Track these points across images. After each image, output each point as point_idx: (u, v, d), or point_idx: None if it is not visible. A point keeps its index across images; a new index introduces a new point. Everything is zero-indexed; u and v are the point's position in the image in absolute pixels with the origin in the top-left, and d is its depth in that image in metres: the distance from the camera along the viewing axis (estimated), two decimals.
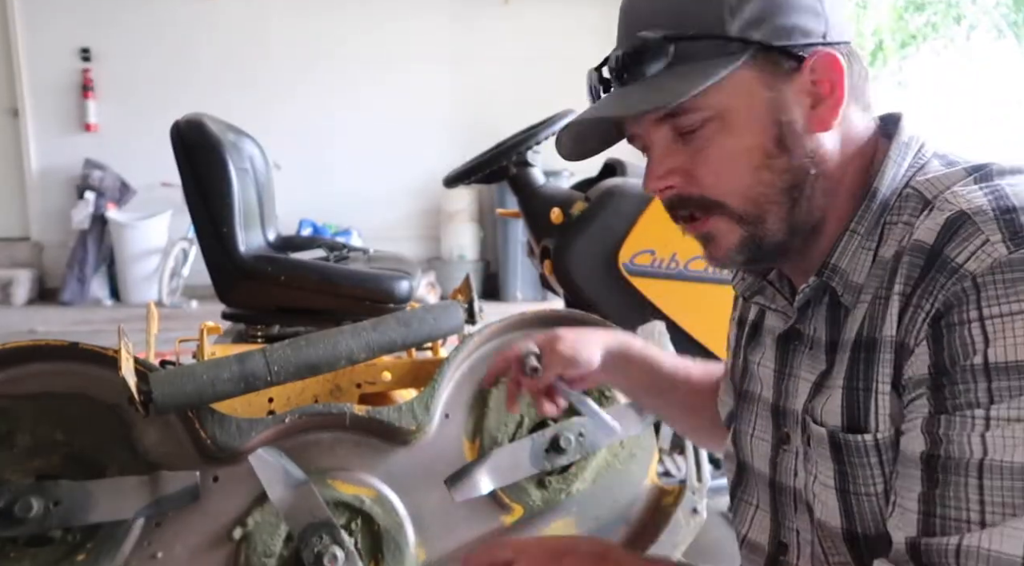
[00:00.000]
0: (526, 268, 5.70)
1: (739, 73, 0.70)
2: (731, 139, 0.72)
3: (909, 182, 0.72)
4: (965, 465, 0.62)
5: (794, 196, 0.73)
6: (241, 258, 1.97)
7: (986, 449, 0.61)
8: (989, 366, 0.61)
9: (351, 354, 1.36)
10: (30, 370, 1.28)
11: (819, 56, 0.70)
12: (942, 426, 0.63)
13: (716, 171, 0.73)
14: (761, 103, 0.71)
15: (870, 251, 0.72)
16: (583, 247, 2.02)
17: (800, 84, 0.71)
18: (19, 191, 6.06)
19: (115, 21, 5.86)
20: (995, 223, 0.62)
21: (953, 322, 0.62)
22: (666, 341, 1.59)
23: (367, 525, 1.37)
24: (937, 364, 0.63)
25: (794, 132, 0.71)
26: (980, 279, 0.61)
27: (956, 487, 0.62)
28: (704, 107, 0.71)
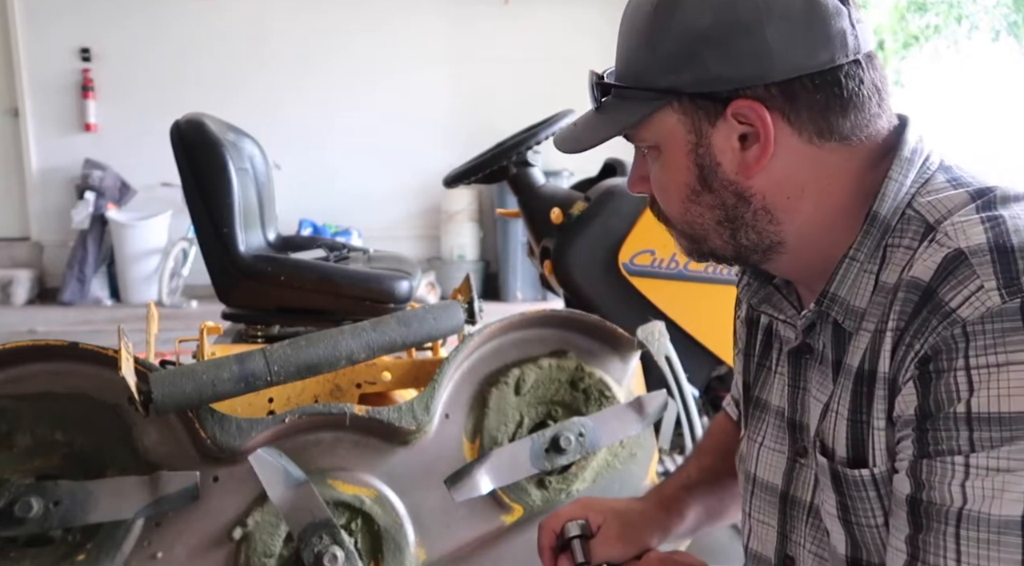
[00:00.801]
0: (526, 268, 5.70)
1: (663, 115, 0.73)
2: (663, 172, 0.77)
3: (911, 202, 0.71)
4: (945, 513, 0.62)
5: (732, 226, 0.75)
6: (241, 258, 1.97)
7: (965, 498, 0.61)
8: (972, 415, 0.61)
9: (351, 354, 1.36)
10: (30, 370, 1.28)
11: (740, 104, 0.70)
12: (924, 471, 0.64)
13: (659, 193, 0.79)
14: (684, 145, 0.73)
15: (872, 274, 0.72)
16: (583, 247, 2.02)
17: (727, 129, 0.71)
18: (19, 191, 6.06)
19: (115, 21, 5.86)
20: (991, 267, 0.61)
21: (941, 368, 0.62)
22: (666, 341, 1.59)
23: (367, 525, 1.37)
24: (923, 407, 0.64)
25: (718, 174, 0.73)
26: (971, 327, 0.61)
27: (936, 534, 0.63)
28: (644, 138, 0.76)
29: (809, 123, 0.70)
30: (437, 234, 6.26)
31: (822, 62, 0.69)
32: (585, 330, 1.56)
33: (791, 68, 0.69)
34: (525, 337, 1.53)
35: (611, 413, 1.50)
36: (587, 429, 1.45)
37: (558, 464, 1.45)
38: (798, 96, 0.69)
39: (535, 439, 1.43)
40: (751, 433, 0.89)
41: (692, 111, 0.72)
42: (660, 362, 1.59)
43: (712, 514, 1.03)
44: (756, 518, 0.88)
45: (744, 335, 0.95)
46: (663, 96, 0.72)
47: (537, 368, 1.51)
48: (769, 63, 0.68)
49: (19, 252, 6.02)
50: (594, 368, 1.54)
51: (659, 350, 1.58)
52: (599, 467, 1.53)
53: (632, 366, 1.61)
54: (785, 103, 0.70)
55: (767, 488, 0.86)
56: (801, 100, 0.70)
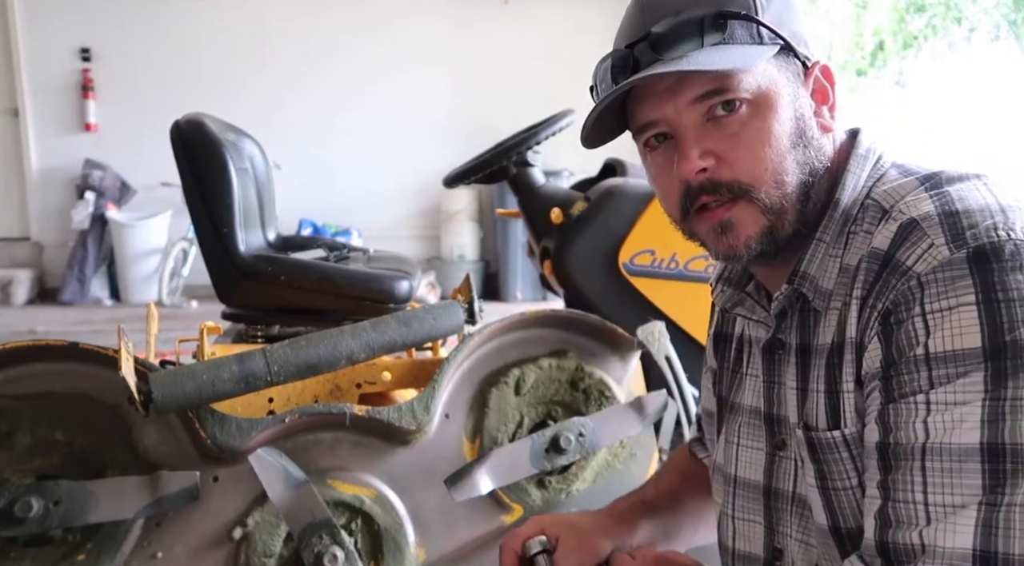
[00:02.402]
0: (526, 268, 5.70)
1: (771, 63, 0.76)
2: (764, 123, 0.75)
3: (869, 193, 0.78)
4: (910, 449, 0.66)
5: (807, 188, 0.77)
6: (241, 258, 1.97)
7: (928, 432, 0.65)
8: (930, 355, 0.66)
9: (351, 354, 1.36)
10: (30, 370, 1.28)
11: (821, 65, 0.78)
12: (891, 415, 0.68)
13: (751, 153, 0.75)
14: (787, 94, 0.76)
15: (836, 258, 0.77)
16: (583, 247, 2.02)
17: (806, 88, 0.78)
18: (19, 191, 6.06)
19: (115, 21, 5.86)
20: (939, 227, 0.68)
21: (901, 318, 0.68)
22: (666, 341, 1.59)
23: (367, 525, 1.37)
24: (887, 357, 0.69)
25: (810, 128, 0.77)
26: (924, 278, 0.66)
27: (903, 471, 0.67)
28: (743, 89, 0.74)
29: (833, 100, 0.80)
30: (437, 234, 6.26)
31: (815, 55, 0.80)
32: (585, 330, 1.56)
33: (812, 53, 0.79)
34: (525, 337, 1.53)
35: (611, 413, 1.50)
36: (587, 429, 1.45)
37: (558, 464, 1.45)
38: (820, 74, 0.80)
39: (535, 439, 1.43)
40: (727, 436, 0.92)
41: (793, 63, 0.77)
42: (660, 362, 1.59)
43: (667, 533, 1.05)
44: (740, 518, 0.90)
45: (713, 351, 0.99)
46: (779, 42, 0.76)
47: (537, 368, 1.51)
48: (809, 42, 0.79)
49: (19, 252, 6.02)
50: (594, 368, 1.54)
51: (659, 350, 1.58)
52: (599, 467, 1.53)
53: (632, 366, 1.61)
54: None
55: (749, 486, 0.88)
56: None
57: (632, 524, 1.02)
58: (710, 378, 0.99)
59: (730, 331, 0.96)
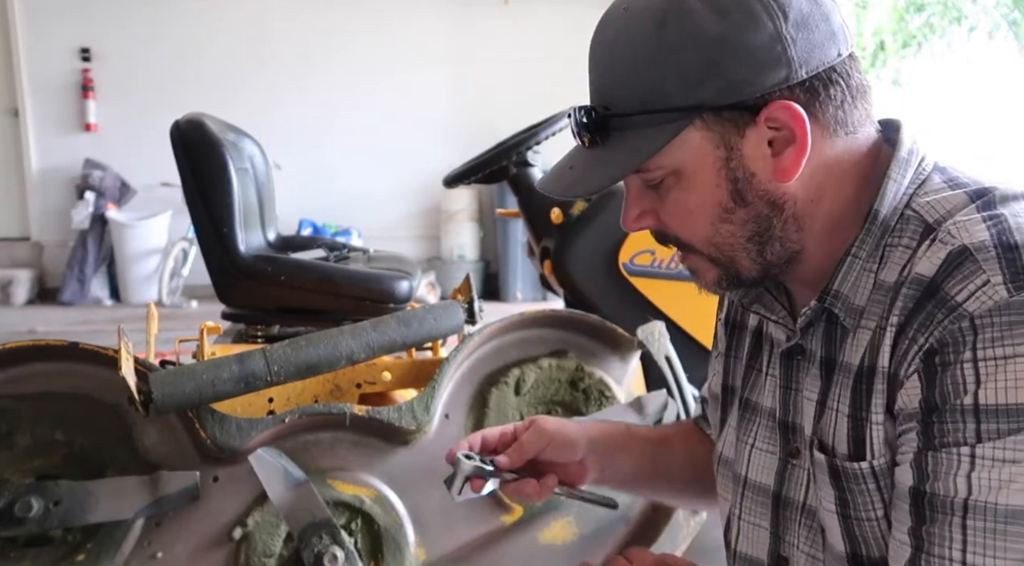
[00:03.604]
0: (526, 268, 5.70)
1: (687, 135, 0.69)
2: (687, 195, 0.72)
3: (910, 202, 0.71)
4: (951, 503, 0.63)
5: (761, 241, 0.73)
6: (241, 258, 1.97)
7: (971, 488, 0.61)
8: (979, 407, 0.61)
9: (351, 354, 1.36)
10: (30, 370, 1.28)
11: (774, 108, 0.67)
12: (930, 463, 0.64)
13: (678, 220, 0.74)
14: (713, 161, 0.70)
15: (871, 273, 0.72)
16: (583, 247, 2.02)
17: (758, 135, 0.69)
18: (19, 191, 6.05)
19: (115, 21, 5.86)
20: (997, 262, 0.62)
21: (948, 360, 0.62)
22: (666, 341, 1.59)
23: (367, 525, 1.37)
24: (928, 400, 0.64)
25: (753, 184, 0.70)
26: (978, 320, 0.61)
27: (942, 525, 0.63)
28: (660, 166, 0.71)
29: (830, 118, 0.70)
30: (437, 234, 6.26)
31: (833, 57, 0.69)
32: (585, 330, 1.56)
33: (814, 65, 0.68)
34: (525, 337, 1.53)
35: (611, 413, 1.50)
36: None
37: None
38: (819, 92, 0.69)
39: None
40: (741, 435, 0.88)
41: (718, 125, 0.69)
42: (660, 362, 1.59)
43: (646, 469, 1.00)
44: (747, 520, 0.87)
45: (724, 337, 0.94)
46: (685, 115, 0.68)
47: (537, 368, 1.51)
48: (793, 63, 0.67)
49: (19, 252, 6.01)
50: (594, 368, 1.54)
51: (659, 350, 1.58)
52: None
53: (632, 366, 1.61)
54: (810, 101, 0.68)
55: (759, 489, 0.85)
56: (822, 96, 0.69)
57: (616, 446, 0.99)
58: (720, 363, 0.95)
59: (745, 321, 0.91)
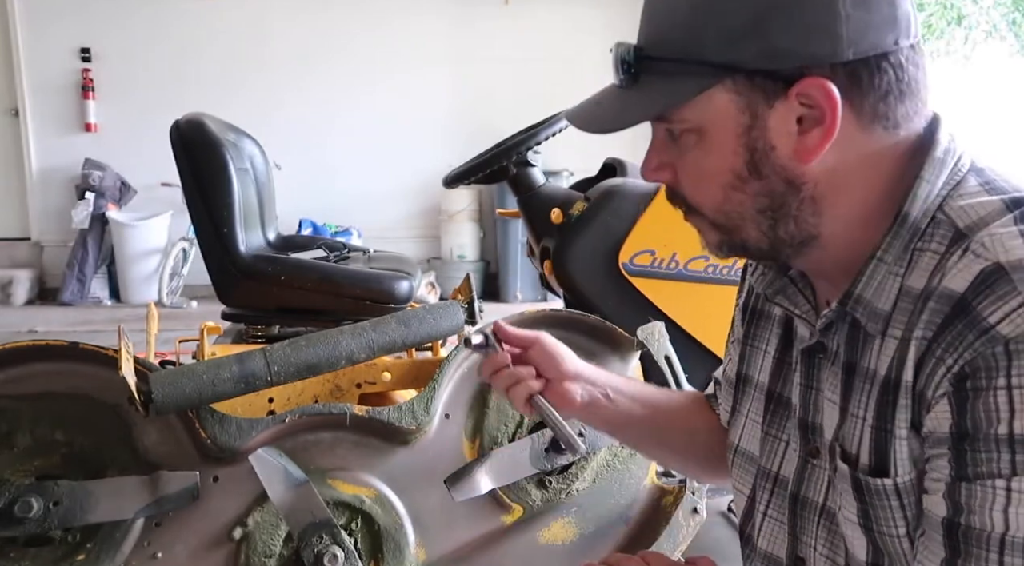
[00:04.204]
0: (526, 268, 5.70)
1: (715, 93, 0.67)
2: (704, 156, 0.70)
3: (942, 205, 0.68)
4: (987, 539, 0.61)
5: (773, 216, 0.70)
6: (241, 258, 1.97)
7: (1008, 524, 0.59)
8: (1014, 437, 0.58)
9: (351, 354, 1.36)
10: (30, 370, 1.28)
11: (808, 83, 0.64)
12: (963, 495, 0.62)
13: (691, 180, 0.73)
14: (735, 126, 0.68)
15: (898, 277, 0.69)
16: (583, 247, 2.02)
17: (786, 109, 0.66)
18: (19, 191, 6.05)
19: (115, 21, 5.86)
20: None
21: (980, 385, 0.60)
22: (666, 341, 1.59)
23: (367, 525, 1.37)
24: (960, 426, 0.61)
25: (771, 158, 0.68)
26: (1013, 345, 0.58)
27: (977, 560, 0.61)
28: (684, 119, 0.69)
29: (869, 108, 0.66)
30: (437, 234, 6.26)
31: (888, 44, 0.65)
32: (585, 330, 1.56)
33: (864, 48, 0.64)
34: None
35: None
36: (587, 429, 1.45)
37: (558, 464, 1.45)
38: (862, 78, 0.65)
39: (535, 439, 1.43)
40: (771, 430, 0.86)
41: (748, 89, 0.66)
42: (660, 362, 1.59)
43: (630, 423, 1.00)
44: (772, 516, 0.85)
45: (742, 324, 0.91)
46: (718, 72, 0.66)
47: None
48: (842, 40, 0.63)
49: (19, 252, 6.02)
50: None
51: (659, 350, 1.58)
52: (599, 467, 1.53)
53: (632, 366, 1.61)
54: (850, 85, 0.65)
55: (781, 486, 0.84)
56: (865, 83, 0.65)
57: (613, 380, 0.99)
58: (736, 350, 0.92)
59: (768, 310, 0.87)
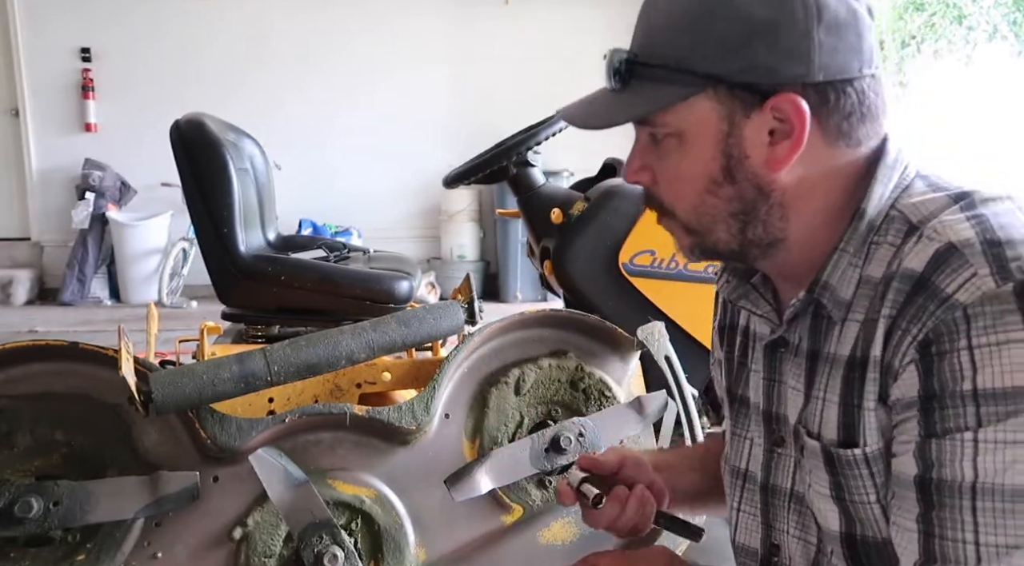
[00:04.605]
0: (526, 268, 5.70)
1: (697, 101, 0.73)
2: (683, 160, 0.77)
3: (894, 204, 0.75)
4: (959, 488, 0.65)
5: (744, 220, 0.77)
6: (241, 258, 1.97)
7: (977, 472, 0.64)
8: (978, 392, 0.64)
9: (351, 354, 1.36)
10: (30, 370, 1.28)
11: (782, 98, 0.71)
12: (933, 451, 0.67)
13: (668, 183, 0.79)
14: (714, 133, 0.74)
15: (857, 268, 0.75)
16: (583, 247, 2.02)
17: (761, 121, 0.73)
18: (19, 191, 6.05)
19: (115, 21, 5.86)
20: (983, 256, 0.65)
21: (943, 349, 0.65)
22: (666, 341, 1.59)
23: (367, 525, 1.37)
24: (926, 389, 0.67)
25: (744, 166, 0.75)
26: (971, 310, 0.64)
27: (952, 510, 0.66)
28: (666, 123, 0.76)
29: (834, 126, 0.74)
30: (437, 234, 6.26)
31: (854, 70, 0.73)
32: (585, 330, 1.56)
33: (832, 71, 0.72)
34: (525, 337, 1.53)
35: (611, 413, 1.50)
36: (587, 429, 1.45)
37: (558, 464, 1.45)
38: (829, 98, 0.73)
39: (535, 439, 1.43)
40: (738, 430, 0.93)
41: (729, 100, 0.73)
42: (660, 362, 1.59)
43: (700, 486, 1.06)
44: (745, 511, 0.91)
45: (720, 343, 0.98)
46: (703, 81, 0.73)
47: (537, 368, 1.51)
48: (814, 63, 0.71)
49: (19, 252, 6.01)
50: (594, 368, 1.54)
51: (659, 350, 1.58)
52: None
53: (632, 366, 1.61)
54: (819, 103, 0.73)
55: (753, 480, 0.89)
56: (831, 103, 0.73)
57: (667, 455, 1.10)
58: (718, 370, 0.99)
59: (736, 322, 0.95)
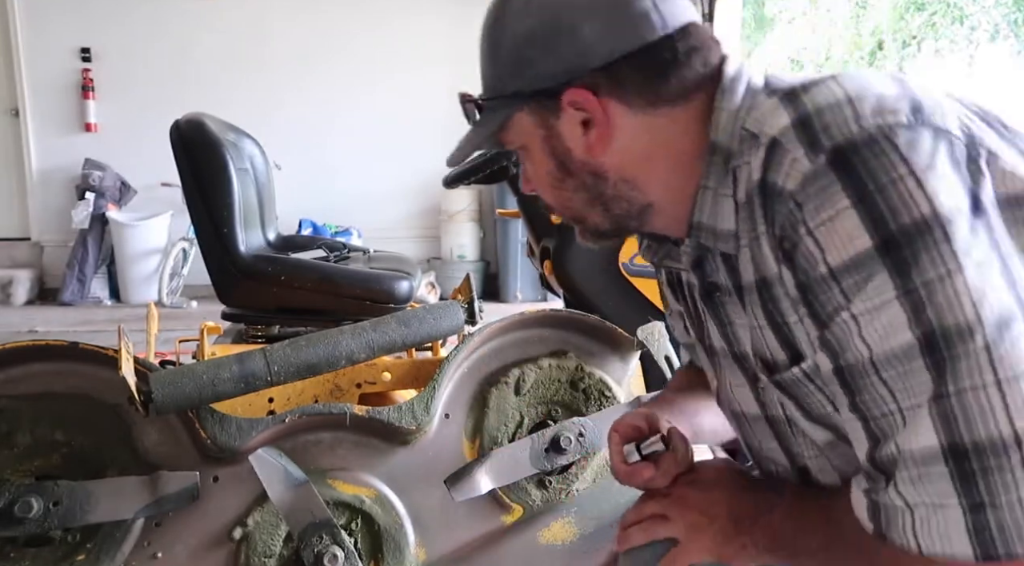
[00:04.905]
0: (526, 268, 5.70)
1: (518, 117, 0.84)
2: (531, 166, 0.88)
3: (744, 125, 0.76)
4: (862, 367, 0.66)
5: (600, 202, 0.84)
6: (241, 258, 1.97)
7: (869, 345, 0.65)
8: (832, 271, 0.66)
9: (351, 354, 1.36)
10: (30, 370, 1.28)
11: (571, 94, 0.79)
12: (831, 339, 0.68)
13: (536, 188, 0.90)
14: (539, 139, 0.84)
15: (729, 196, 0.77)
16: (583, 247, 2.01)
17: (568, 118, 0.81)
18: (19, 191, 6.05)
19: (115, 21, 5.86)
20: (796, 138, 0.67)
21: (794, 242, 0.68)
22: (666, 341, 1.59)
23: (367, 525, 1.37)
24: (799, 282, 0.69)
25: (572, 158, 0.83)
26: (799, 196, 0.67)
27: (866, 390, 0.66)
28: (510, 141, 0.87)
29: (637, 97, 0.79)
30: (437, 234, 6.26)
31: (632, 43, 0.78)
32: (585, 330, 1.56)
33: (606, 53, 0.78)
34: (525, 337, 1.53)
35: (611, 413, 1.50)
36: (587, 429, 1.45)
37: (558, 464, 1.45)
38: (620, 75, 0.79)
39: (535, 439, 1.43)
40: (719, 376, 0.94)
41: (537, 109, 0.82)
42: (660, 362, 1.59)
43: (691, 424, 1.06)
44: (765, 445, 0.91)
45: (673, 298, 1.01)
46: (512, 101, 0.83)
47: (537, 368, 1.51)
48: (587, 53, 0.78)
49: (19, 252, 6.01)
50: (594, 368, 1.54)
51: (659, 350, 1.58)
52: (599, 467, 1.53)
53: (632, 366, 1.61)
54: (612, 85, 0.79)
55: (754, 419, 0.90)
56: (624, 79, 0.79)
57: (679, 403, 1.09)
58: (679, 321, 1.01)
59: (678, 278, 0.97)
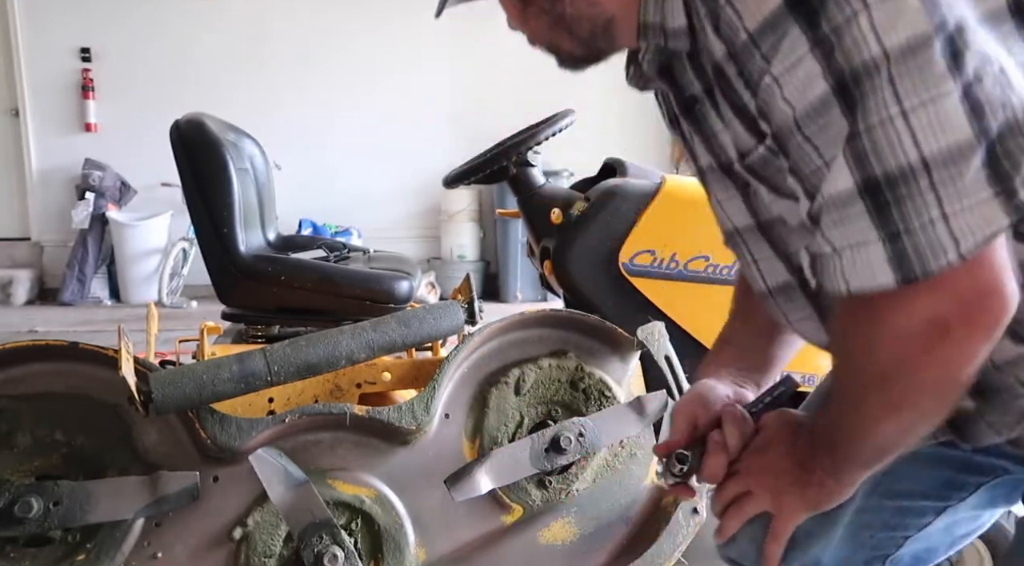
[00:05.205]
0: (526, 268, 5.70)
1: None
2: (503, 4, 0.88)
3: None
4: (787, 127, 0.67)
5: (564, 24, 0.84)
6: (241, 258, 1.97)
7: (792, 104, 0.66)
8: (752, 35, 0.67)
9: (351, 354, 1.36)
10: (30, 370, 1.28)
11: None
12: (762, 104, 0.69)
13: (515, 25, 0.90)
14: None
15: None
16: (583, 247, 2.01)
17: None
18: (19, 191, 6.06)
19: (115, 21, 5.86)
20: None
21: (717, 12, 0.69)
22: (666, 341, 1.59)
23: (367, 525, 1.37)
24: (730, 55, 0.70)
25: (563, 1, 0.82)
26: None
27: (795, 147, 0.68)
28: None
29: None
30: (437, 234, 6.26)
31: None
32: (585, 330, 1.56)
33: None
34: (525, 337, 1.53)
35: (611, 413, 1.50)
36: (587, 429, 1.45)
37: (558, 464, 1.45)
38: None
39: (535, 439, 1.43)
40: (712, 197, 0.94)
41: None
42: (660, 362, 1.59)
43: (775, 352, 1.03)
44: (761, 257, 0.90)
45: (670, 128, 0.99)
46: None
47: (537, 368, 1.51)
48: None
49: (19, 252, 6.02)
50: (594, 368, 1.54)
51: (659, 350, 1.58)
52: (599, 467, 1.53)
53: (632, 366, 1.61)
54: None
55: (748, 231, 0.90)
56: None
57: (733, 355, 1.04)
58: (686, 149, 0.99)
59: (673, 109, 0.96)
